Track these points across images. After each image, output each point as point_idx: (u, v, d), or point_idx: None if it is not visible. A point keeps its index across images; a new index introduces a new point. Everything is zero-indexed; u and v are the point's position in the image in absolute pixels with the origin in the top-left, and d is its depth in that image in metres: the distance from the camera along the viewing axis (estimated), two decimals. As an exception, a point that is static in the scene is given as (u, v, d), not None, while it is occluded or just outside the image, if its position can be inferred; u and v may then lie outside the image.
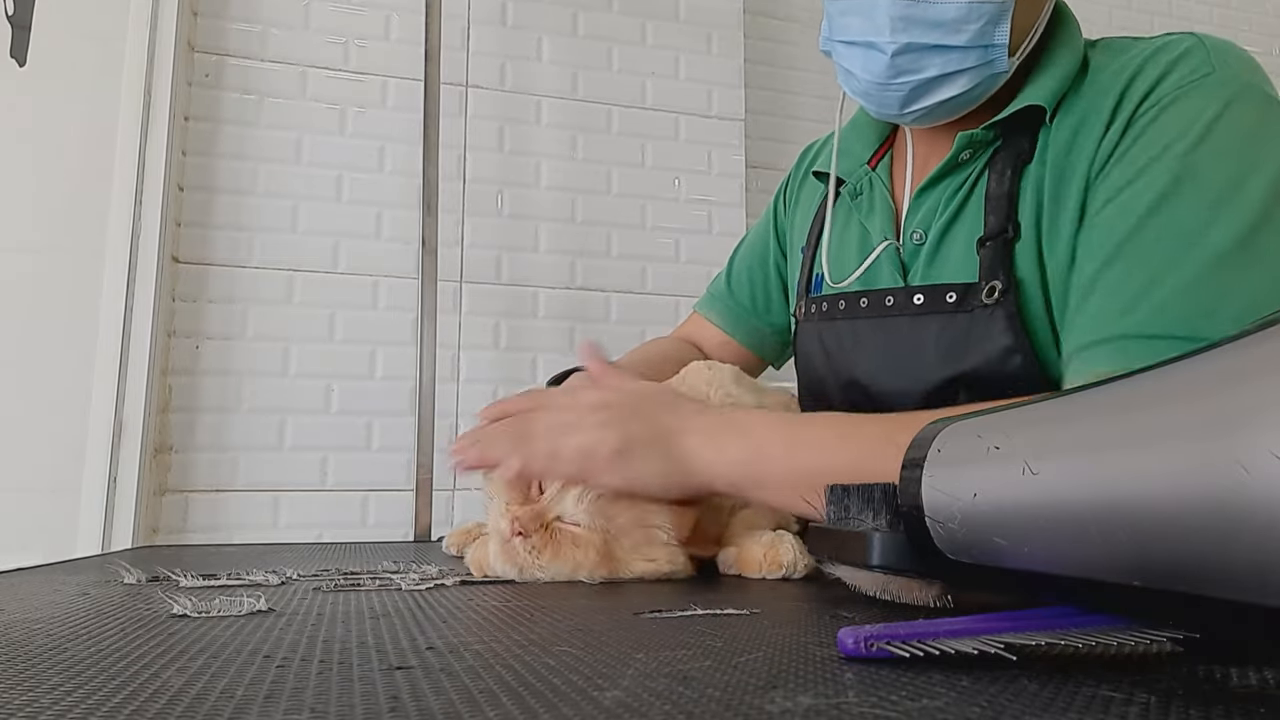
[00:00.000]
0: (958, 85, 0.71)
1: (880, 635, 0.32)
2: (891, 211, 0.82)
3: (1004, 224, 0.72)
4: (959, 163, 0.76)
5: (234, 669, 0.31)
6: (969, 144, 0.75)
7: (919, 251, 0.78)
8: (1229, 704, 0.26)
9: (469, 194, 1.87)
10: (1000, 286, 0.70)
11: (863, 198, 0.85)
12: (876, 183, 0.84)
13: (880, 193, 0.83)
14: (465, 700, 0.27)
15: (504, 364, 1.85)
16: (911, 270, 0.78)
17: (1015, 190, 0.72)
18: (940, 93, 0.72)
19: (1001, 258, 0.71)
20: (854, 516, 0.48)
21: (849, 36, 0.73)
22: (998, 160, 0.74)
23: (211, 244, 1.72)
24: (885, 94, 0.73)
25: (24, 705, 0.26)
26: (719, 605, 0.48)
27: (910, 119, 0.77)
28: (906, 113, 0.75)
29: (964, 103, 0.74)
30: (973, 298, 0.72)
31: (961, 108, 0.75)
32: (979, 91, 0.73)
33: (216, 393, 1.69)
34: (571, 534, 0.61)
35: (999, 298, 0.70)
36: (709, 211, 2.02)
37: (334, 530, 1.69)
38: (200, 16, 1.77)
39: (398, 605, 0.49)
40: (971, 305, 0.72)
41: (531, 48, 1.95)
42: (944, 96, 0.72)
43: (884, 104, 0.75)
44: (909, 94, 0.72)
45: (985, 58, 0.70)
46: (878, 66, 0.71)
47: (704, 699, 0.26)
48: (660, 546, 0.63)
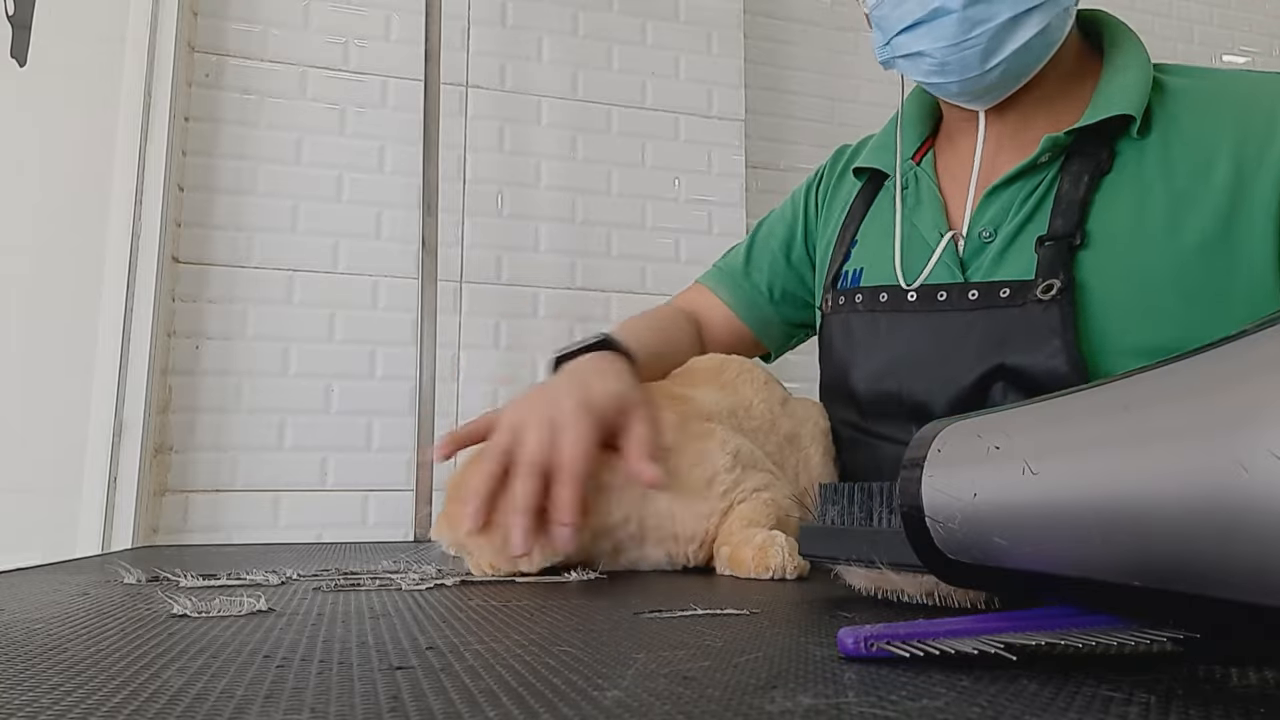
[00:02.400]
0: (1032, 25, 0.70)
1: (880, 635, 0.32)
2: (940, 205, 0.82)
3: (1071, 229, 0.71)
4: (1037, 165, 0.76)
5: (234, 669, 0.31)
6: (1052, 146, 0.74)
7: (984, 249, 0.77)
8: (1229, 704, 0.26)
9: (469, 194, 1.87)
10: (1059, 285, 0.70)
11: (908, 191, 0.84)
12: (923, 177, 0.84)
13: (927, 186, 0.83)
14: (465, 700, 0.27)
15: (504, 364, 1.85)
16: (972, 267, 0.78)
17: (1089, 198, 0.72)
18: (1018, 36, 0.71)
19: (1063, 259, 0.71)
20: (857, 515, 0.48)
21: (909, 20, 0.73)
22: (1073, 164, 0.74)
23: (211, 244, 1.72)
24: (964, 53, 0.72)
25: (24, 705, 0.26)
26: (719, 605, 0.48)
27: (996, 79, 0.75)
28: (991, 69, 0.73)
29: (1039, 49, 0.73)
30: (1026, 293, 0.72)
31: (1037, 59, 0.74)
32: (1054, 36, 0.73)
33: (216, 393, 1.69)
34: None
35: (1056, 295, 0.70)
36: (709, 212, 2.02)
37: (334, 530, 1.70)
38: (200, 16, 1.77)
39: (398, 605, 0.49)
40: (1023, 300, 0.71)
41: (531, 48, 1.95)
42: (1022, 40, 0.71)
43: (965, 66, 0.73)
44: (988, 44, 0.71)
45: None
46: (949, 28, 0.71)
47: (704, 699, 0.26)
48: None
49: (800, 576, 0.63)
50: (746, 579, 0.63)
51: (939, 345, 0.76)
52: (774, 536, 0.64)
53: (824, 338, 0.91)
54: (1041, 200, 0.75)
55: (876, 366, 0.82)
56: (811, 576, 0.64)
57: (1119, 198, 0.72)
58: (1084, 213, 0.72)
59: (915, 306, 0.78)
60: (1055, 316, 0.70)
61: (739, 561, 0.64)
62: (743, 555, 0.64)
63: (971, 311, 0.74)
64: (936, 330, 0.77)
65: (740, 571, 0.64)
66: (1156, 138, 0.73)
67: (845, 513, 0.49)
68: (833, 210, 0.96)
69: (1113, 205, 0.72)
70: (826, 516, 0.51)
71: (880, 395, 0.82)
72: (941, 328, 0.77)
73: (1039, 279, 0.71)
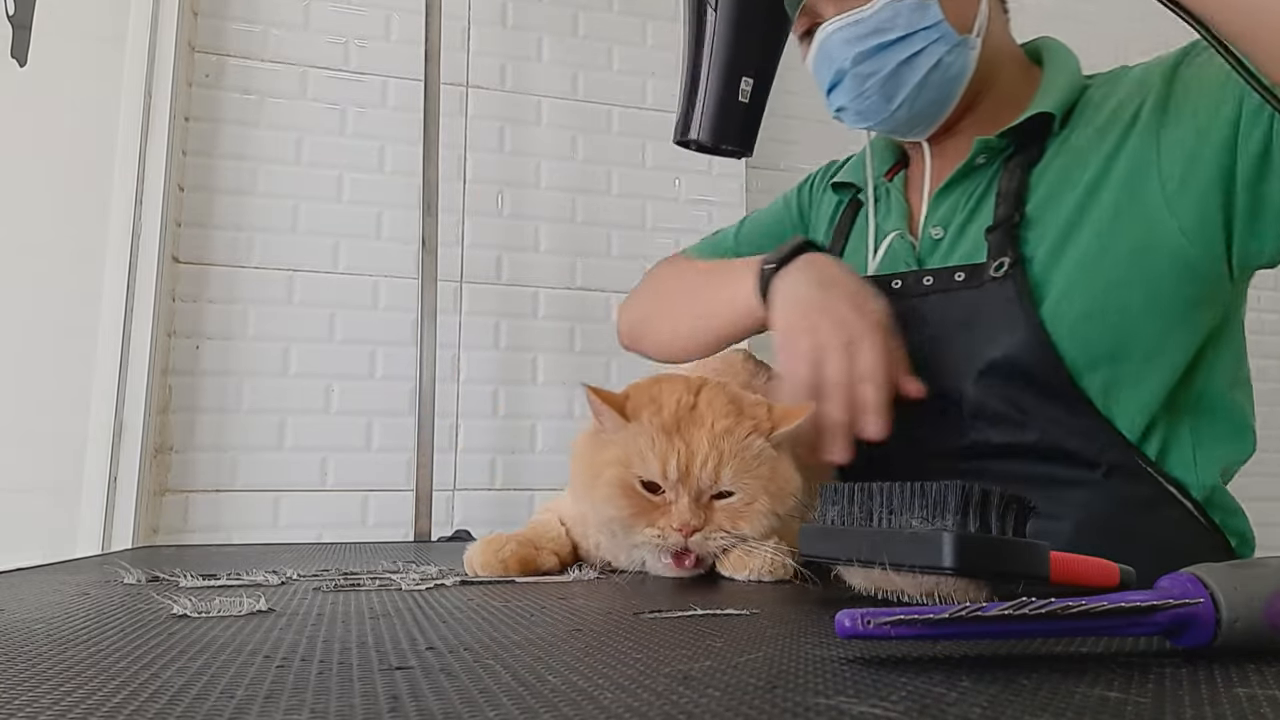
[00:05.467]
0: (919, 66, 0.80)
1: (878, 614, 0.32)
2: (906, 213, 0.90)
3: (1011, 212, 0.80)
4: (976, 166, 0.85)
5: (234, 669, 0.31)
6: (984, 149, 0.84)
7: (937, 246, 0.85)
8: (1229, 704, 0.26)
9: (469, 194, 1.87)
10: (1009, 261, 0.77)
11: (880, 204, 0.93)
12: (893, 191, 0.93)
13: (896, 198, 0.92)
14: (465, 700, 0.27)
15: (504, 364, 1.85)
16: (928, 263, 0.85)
17: (1024, 184, 0.81)
18: (909, 78, 0.81)
19: (1010, 239, 0.79)
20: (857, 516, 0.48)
21: (826, 84, 0.85)
22: (1010, 164, 0.83)
23: (211, 244, 1.72)
24: (866, 101, 0.83)
25: (24, 705, 0.26)
26: (719, 605, 0.48)
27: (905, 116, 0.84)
28: (897, 109, 0.83)
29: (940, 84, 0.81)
30: (981, 275, 0.79)
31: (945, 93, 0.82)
32: (954, 70, 0.81)
33: (216, 393, 1.69)
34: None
35: (1008, 270, 0.77)
36: (709, 212, 2.02)
37: (334, 530, 1.69)
38: (200, 16, 1.77)
39: (398, 605, 0.49)
40: (980, 281, 0.79)
41: (531, 48, 1.95)
42: (914, 80, 0.81)
43: (874, 112, 0.83)
44: (882, 90, 0.81)
45: (930, 37, 0.79)
46: (850, 86, 0.83)
47: (704, 699, 0.26)
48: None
49: (780, 581, 0.62)
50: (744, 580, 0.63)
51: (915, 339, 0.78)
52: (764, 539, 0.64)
53: None
54: (983, 196, 0.84)
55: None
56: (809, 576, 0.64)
57: (1047, 181, 0.81)
58: (1020, 197, 0.80)
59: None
60: (1011, 288, 0.77)
61: (725, 558, 0.64)
62: (730, 553, 0.64)
63: (928, 296, 0.81)
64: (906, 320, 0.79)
65: (725, 570, 0.64)
66: (1078, 129, 0.82)
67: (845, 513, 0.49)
68: (820, 219, 1.04)
69: (1042, 187, 0.81)
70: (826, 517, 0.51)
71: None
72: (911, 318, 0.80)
73: (990, 261, 0.79)
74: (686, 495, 0.61)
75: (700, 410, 0.64)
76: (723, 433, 0.62)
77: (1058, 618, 0.32)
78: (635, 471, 0.62)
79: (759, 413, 0.65)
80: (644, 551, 0.63)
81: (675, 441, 0.61)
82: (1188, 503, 0.76)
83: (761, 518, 0.62)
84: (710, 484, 0.61)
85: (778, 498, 0.62)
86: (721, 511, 0.62)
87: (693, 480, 0.61)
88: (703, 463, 0.61)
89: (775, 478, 0.63)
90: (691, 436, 0.62)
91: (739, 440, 0.62)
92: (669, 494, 0.62)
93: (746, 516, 0.62)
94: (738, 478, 0.62)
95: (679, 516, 0.61)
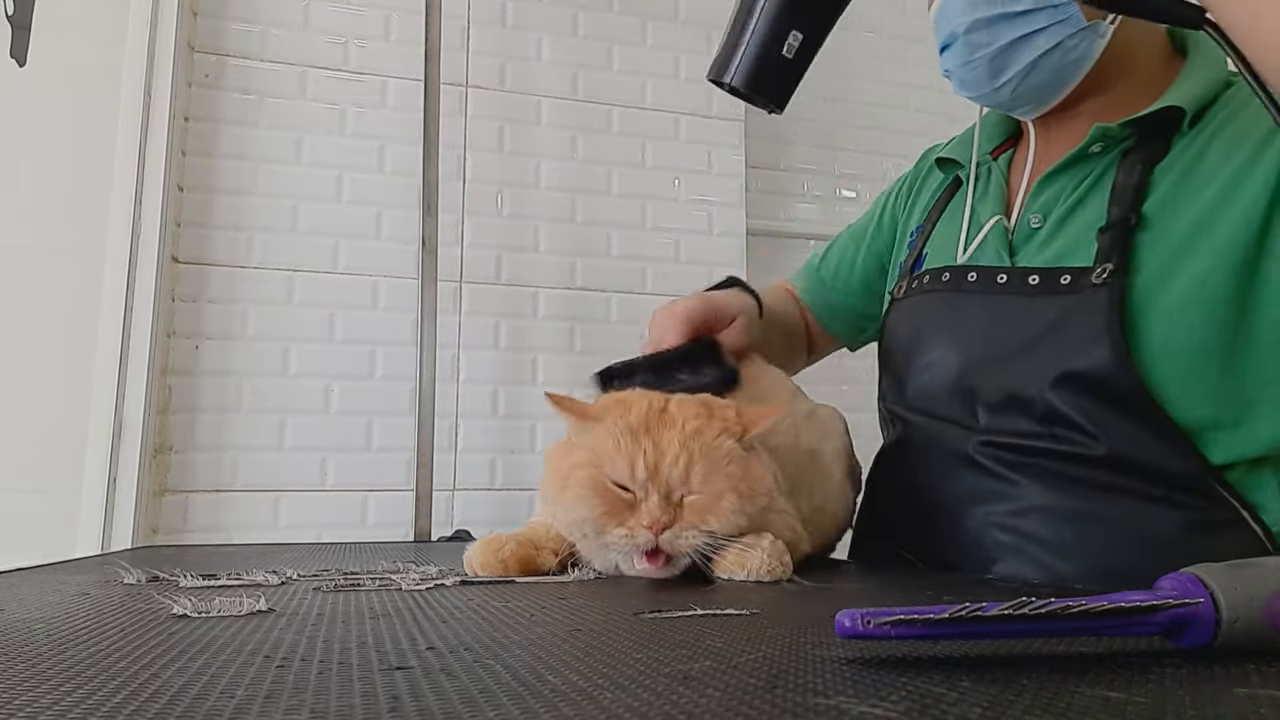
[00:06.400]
0: (1036, 46, 0.76)
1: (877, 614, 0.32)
2: (1004, 197, 0.86)
3: (1126, 213, 0.74)
4: (1089, 154, 0.79)
5: (234, 669, 0.31)
6: (1102, 136, 0.78)
7: (1034, 235, 0.80)
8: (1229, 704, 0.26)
9: (469, 194, 1.87)
10: (1111, 268, 0.72)
11: (979, 184, 0.89)
12: (995, 171, 0.88)
13: (996, 180, 0.87)
14: (465, 700, 0.27)
15: (504, 364, 1.85)
16: (1021, 253, 0.81)
17: (1144, 183, 0.75)
18: (1021, 57, 0.77)
19: (1119, 243, 0.73)
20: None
21: (940, 43, 0.82)
22: (1129, 157, 0.77)
23: (211, 244, 1.72)
24: (972, 72, 0.80)
25: (24, 705, 0.26)
26: (719, 605, 0.48)
27: (1009, 95, 0.80)
28: (1001, 86, 0.79)
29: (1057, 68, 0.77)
30: (1084, 280, 0.74)
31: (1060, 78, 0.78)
32: (1074, 55, 0.76)
33: (216, 393, 1.69)
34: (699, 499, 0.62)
35: (1107, 279, 0.72)
36: (709, 211, 2.02)
37: (334, 530, 1.69)
38: (200, 16, 1.77)
39: (398, 605, 0.49)
40: (1081, 287, 0.74)
41: (531, 48, 1.95)
42: (1026, 60, 0.77)
43: (977, 84, 0.80)
44: (990, 64, 0.78)
45: (1055, 17, 0.75)
46: (959, 51, 0.79)
47: (704, 699, 0.26)
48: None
49: (777, 581, 0.62)
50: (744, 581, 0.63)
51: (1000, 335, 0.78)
52: (760, 538, 0.64)
53: (885, 324, 0.95)
54: (1092, 188, 0.78)
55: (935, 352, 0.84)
56: (811, 577, 0.64)
57: (1169, 183, 0.75)
58: (1139, 196, 0.74)
59: (976, 287, 0.81)
60: (1104, 299, 0.72)
61: (721, 559, 0.64)
62: (726, 554, 0.64)
63: (1034, 297, 0.77)
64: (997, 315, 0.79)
65: (721, 571, 0.64)
66: (1211, 131, 0.75)
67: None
68: (917, 205, 1.00)
69: (1163, 190, 0.75)
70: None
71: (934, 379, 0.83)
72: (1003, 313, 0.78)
73: (1097, 265, 0.74)
74: (656, 493, 0.61)
75: (671, 413, 0.64)
76: (693, 433, 0.63)
77: (1058, 618, 0.32)
78: (605, 471, 0.62)
79: (729, 415, 0.65)
80: (616, 552, 0.63)
81: (643, 441, 0.62)
82: (1258, 529, 0.71)
83: (730, 514, 0.62)
84: (680, 483, 0.62)
85: (747, 497, 0.63)
86: (690, 509, 0.62)
87: (662, 479, 0.61)
88: (673, 462, 0.61)
89: (745, 477, 0.63)
90: (661, 437, 0.62)
91: (709, 441, 0.63)
92: (638, 493, 0.62)
93: (715, 513, 0.62)
94: (707, 478, 0.62)
95: (649, 514, 0.61)
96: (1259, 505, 0.71)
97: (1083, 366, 0.72)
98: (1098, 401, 0.72)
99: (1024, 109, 0.83)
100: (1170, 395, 0.70)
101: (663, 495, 0.61)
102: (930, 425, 0.84)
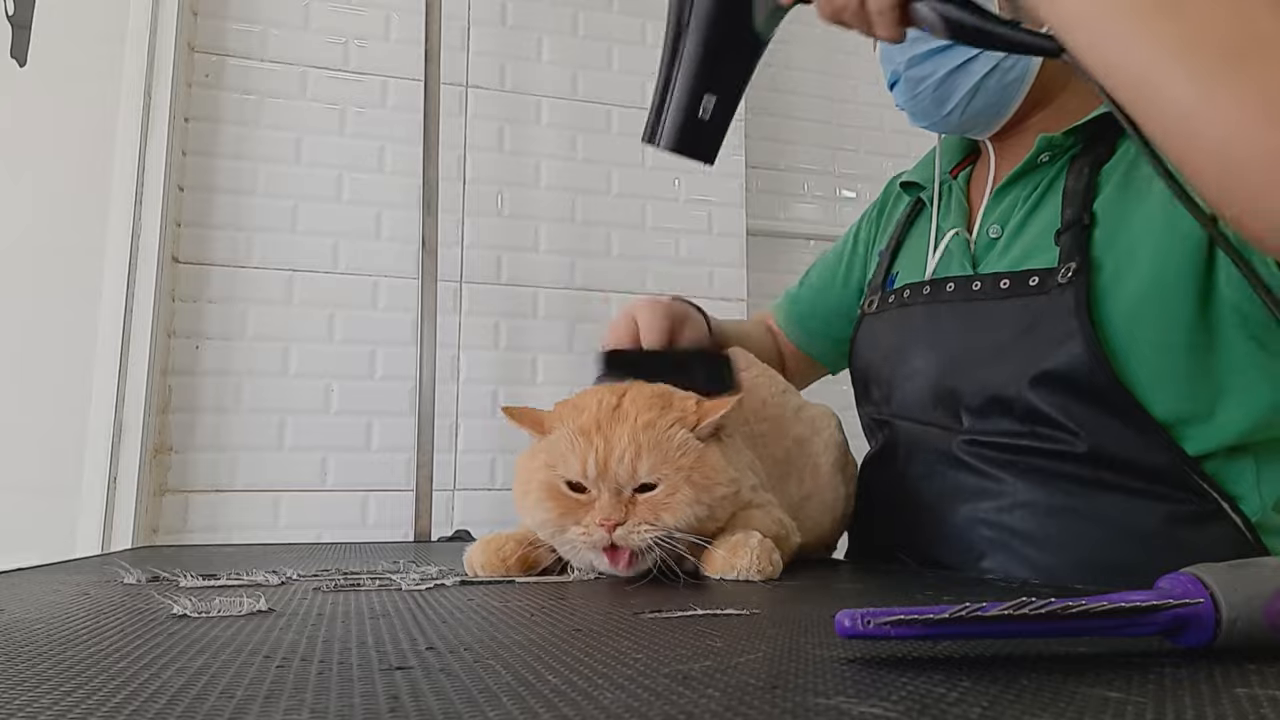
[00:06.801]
0: (973, 73, 0.80)
1: (878, 614, 0.32)
2: (965, 212, 0.90)
3: (1079, 214, 0.77)
4: (1038, 164, 0.83)
5: (234, 669, 0.31)
6: (1048, 146, 0.82)
7: (993, 245, 0.84)
8: (1229, 704, 0.26)
9: (469, 194, 1.87)
10: (1075, 266, 0.74)
11: (942, 202, 0.93)
12: (955, 189, 0.92)
13: (957, 197, 0.91)
14: (465, 700, 0.27)
15: (504, 364, 1.85)
16: (983, 263, 0.84)
17: (1093, 184, 0.78)
18: (962, 84, 0.81)
19: (1079, 242, 0.76)
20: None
21: (888, 82, 0.87)
22: (1076, 163, 0.80)
23: (211, 244, 1.72)
24: (919, 104, 0.84)
25: (24, 705, 0.26)
26: (719, 605, 0.48)
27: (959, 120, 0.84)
28: (950, 113, 0.83)
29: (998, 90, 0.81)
30: (1050, 280, 0.76)
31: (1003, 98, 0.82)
32: (1012, 75, 0.80)
33: (216, 393, 1.69)
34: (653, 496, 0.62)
35: (1071, 278, 0.74)
36: (709, 211, 2.02)
37: (334, 530, 1.69)
38: (200, 17, 1.77)
39: (398, 605, 0.49)
40: (1049, 287, 0.76)
41: (531, 48, 1.95)
42: (968, 86, 0.81)
43: (926, 114, 0.85)
44: (934, 95, 0.83)
45: None
46: (904, 87, 0.85)
47: (704, 699, 0.26)
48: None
49: (767, 580, 0.62)
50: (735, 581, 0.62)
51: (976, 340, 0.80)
52: (749, 536, 0.64)
53: (856, 340, 0.97)
54: (1045, 195, 0.81)
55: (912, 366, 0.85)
56: (811, 577, 0.64)
57: (1114, 183, 0.77)
58: (1088, 198, 0.78)
59: (952, 297, 0.84)
60: (1071, 297, 0.74)
61: (710, 559, 0.64)
62: (715, 554, 0.64)
63: (1005, 300, 0.79)
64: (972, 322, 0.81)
65: (712, 570, 0.63)
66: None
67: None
68: (887, 229, 1.04)
69: (1109, 190, 0.77)
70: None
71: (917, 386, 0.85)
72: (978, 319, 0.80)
73: (1060, 266, 0.76)
74: (607, 490, 0.61)
75: (624, 408, 0.64)
76: (644, 426, 0.62)
77: (1058, 618, 0.32)
78: (559, 473, 0.63)
79: (687, 405, 0.65)
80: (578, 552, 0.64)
81: (595, 439, 0.62)
82: (1238, 520, 0.72)
83: (685, 507, 0.61)
84: (629, 477, 0.62)
85: (702, 487, 0.62)
86: (644, 504, 0.62)
87: (611, 474, 0.61)
88: (620, 457, 0.61)
89: (700, 467, 0.63)
90: (612, 433, 0.62)
91: (661, 432, 0.62)
92: (593, 491, 0.62)
93: (669, 508, 0.61)
94: (657, 469, 0.62)
95: (601, 510, 0.61)
96: (1239, 496, 0.72)
97: (1058, 365, 0.74)
98: (1075, 398, 0.74)
99: (976, 130, 0.87)
100: (1144, 388, 0.72)
101: (614, 491, 0.62)
102: (915, 429, 0.86)
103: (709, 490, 0.62)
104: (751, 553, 0.62)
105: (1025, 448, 0.76)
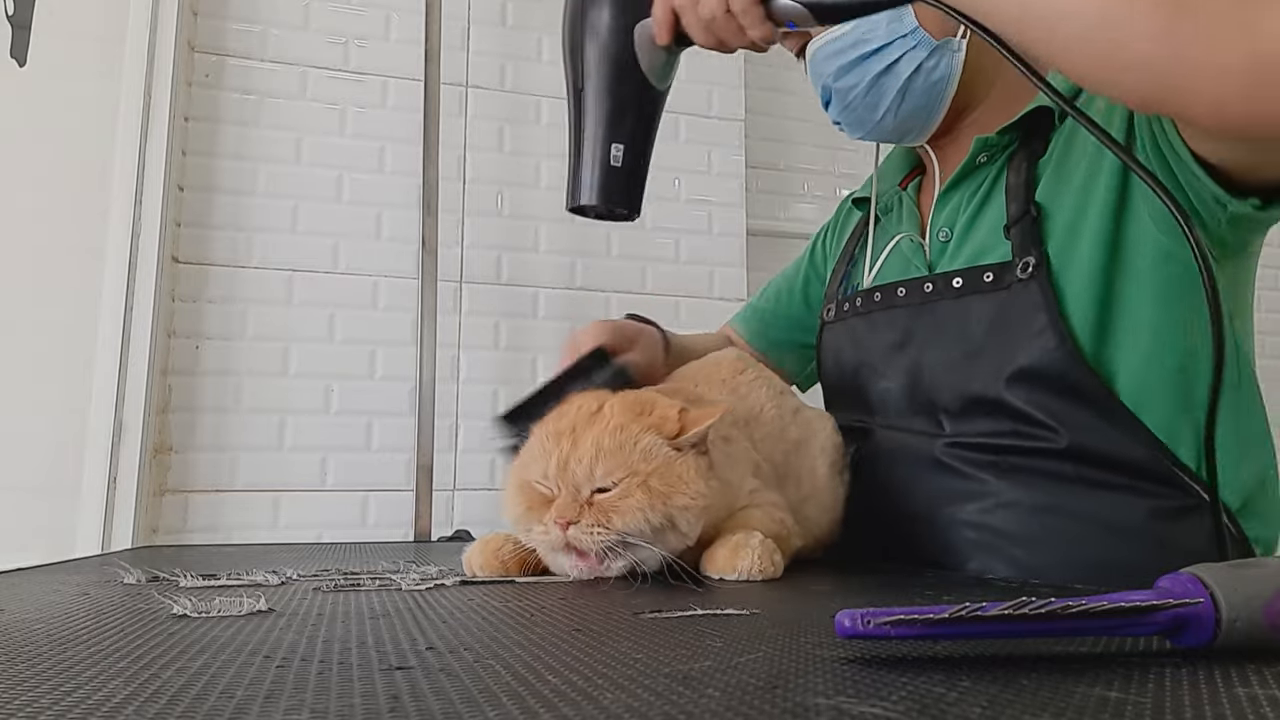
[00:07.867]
0: (899, 74, 0.81)
1: (878, 614, 0.32)
2: (917, 220, 0.91)
3: (1025, 208, 0.79)
4: (978, 165, 0.85)
5: (234, 669, 0.31)
6: (984, 147, 0.83)
7: (945, 248, 0.85)
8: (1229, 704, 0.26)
9: (469, 194, 1.87)
10: (1033, 261, 0.76)
11: (893, 213, 0.94)
12: (905, 199, 0.94)
13: (907, 206, 0.93)
14: (465, 700, 0.27)
15: (504, 364, 1.85)
16: (937, 265, 0.85)
17: (1032, 179, 0.80)
18: (889, 87, 0.81)
19: (1031, 235, 0.77)
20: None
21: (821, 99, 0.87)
22: (1015, 159, 0.82)
23: (211, 244, 1.72)
24: (853, 114, 0.84)
25: (24, 705, 0.26)
26: (719, 605, 0.48)
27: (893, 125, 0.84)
28: (882, 119, 0.83)
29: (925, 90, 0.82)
30: (1008, 275, 0.77)
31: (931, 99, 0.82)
32: (936, 74, 0.81)
33: (216, 393, 1.69)
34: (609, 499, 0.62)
35: (1032, 272, 0.76)
36: (709, 211, 2.02)
37: (334, 530, 1.69)
38: (200, 16, 1.77)
39: (398, 605, 0.49)
40: (1008, 282, 0.77)
41: (531, 48, 1.95)
42: (895, 88, 0.81)
43: (861, 124, 0.85)
44: (865, 102, 0.83)
45: (908, 45, 0.79)
46: (837, 100, 0.84)
47: (704, 699, 0.26)
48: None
49: (768, 580, 0.62)
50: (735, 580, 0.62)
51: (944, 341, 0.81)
52: (750, 537, 0.64)
53: (821, 348, 0.98)
54: (989, 194, 0.83)
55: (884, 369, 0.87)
56: (811, 578, 0.64)
57: (1048, 176, 0.80)
58: (1029, 191, 0.80)
59: (906, 300, 0.85)
60: (1035, 292, 0.75)
61: (711, 560, 0.64)
62: (716, 554, 0.64)
63: (961, 298, 0.80)
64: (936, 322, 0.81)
65: (713, 571, 0.64)
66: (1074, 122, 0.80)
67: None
68: (841, 240, 1.06)
69: (1045, 183, 0.80)
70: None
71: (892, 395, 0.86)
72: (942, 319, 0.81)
73: (1015, 260, 0.77)
74: (565, 490, 0.62)
75: (603, 413, 0.65)
76: (613, 430, 0.63)
77: (1058, 618, 0.32)
78: (530, 473, 0.65)
79: (669, 414, 0.64)
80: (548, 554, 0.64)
81: (563, 442, 0.63)
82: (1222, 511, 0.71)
83: (635, 512, 0.60)
84: (585, 478, 0.62)
85: (659, 495, 0.61)
86: (597, 506, 0.62)
87: (569, 475, 0.62)
88: (579, 458, 0.62)
89: (663, 475, 0.62)
90: (581, 437, 0.63)
91: (628, 437, 0.62)
92: (554, 491, 0.63)
93: (619, 511, 0.61)
94: (613, 473, 0.61)
95: (555, 509, 0.61)
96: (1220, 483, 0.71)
97: (1032, 361, 0.75)
98: (1053, 394, 0.75)
99: (911, 136, 0.87)
100: (1116, 380, 0.74)
101: (571, 491, 0.62)
102: (895, 436, 0.86)
103: (666, 499, 0.61)
104: (753, 553, 0.62)
105: (1007, 447, 0.77)
